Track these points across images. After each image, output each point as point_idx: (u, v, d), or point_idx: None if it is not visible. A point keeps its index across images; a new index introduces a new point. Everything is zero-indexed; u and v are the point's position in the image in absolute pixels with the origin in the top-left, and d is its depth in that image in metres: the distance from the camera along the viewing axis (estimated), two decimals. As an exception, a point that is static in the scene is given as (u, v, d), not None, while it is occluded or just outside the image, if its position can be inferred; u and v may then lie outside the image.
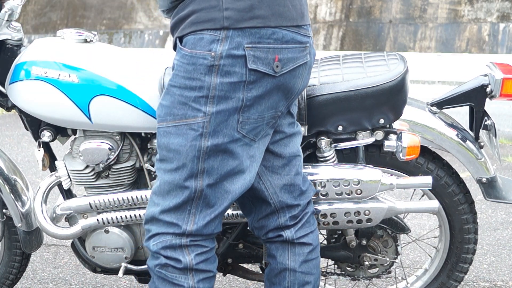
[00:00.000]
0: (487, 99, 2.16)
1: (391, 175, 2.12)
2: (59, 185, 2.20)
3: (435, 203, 2.15)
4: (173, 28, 1.72)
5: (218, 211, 1.75)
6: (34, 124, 2.14)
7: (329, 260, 2.31)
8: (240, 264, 2.29)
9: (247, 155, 1.73)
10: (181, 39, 1.70)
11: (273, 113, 1.73)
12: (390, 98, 2.05)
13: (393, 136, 2.10)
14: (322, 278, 2.40)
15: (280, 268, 1.92)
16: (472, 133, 2.21)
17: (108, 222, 2.13)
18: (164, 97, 1.72)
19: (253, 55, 1.64)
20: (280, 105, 1.74)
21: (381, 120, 2.07)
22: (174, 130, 1.69)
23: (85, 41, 2.10)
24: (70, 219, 2.21)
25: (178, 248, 1.75)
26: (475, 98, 2.15)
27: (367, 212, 2.06)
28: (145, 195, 2.10)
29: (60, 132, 2.15)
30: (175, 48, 1.74)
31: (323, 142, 2.10)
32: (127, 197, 2.10)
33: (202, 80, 1.65)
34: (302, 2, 1.74)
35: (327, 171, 2.04)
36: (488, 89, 2.13)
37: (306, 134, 2.07)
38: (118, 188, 2.15)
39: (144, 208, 2.10)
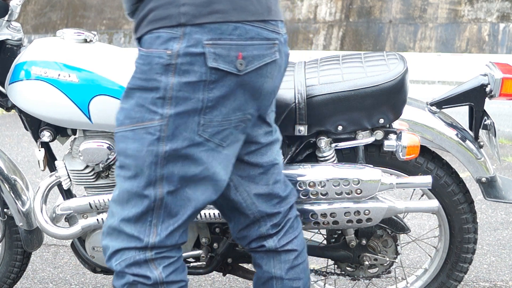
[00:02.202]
0: (487, 99, 2.16)
1: (391, 174, 2.12)
2: (59, 185, 2.20)
3: (434, 203, 2.15)
4: (135, 30, 1.63)
5: (181, 220, 1.63)
6: (34, 124, 2.14)
7: (329, 260, 2.32)
8: (240, 264, 2.29)
9: (214, 161, 1.61)
10: (140, 39, 1.60)
11: (241, 116, 1.61)
12: (390, 98, 2.05)
13: (392, 136, 2.10)
14: (322, 278, 2.40)
15: (266, 277, 1.86)
16: (471, 133, 2.21)
17: (108, 222, 2.13)
18: (123, 100, 1.61)
19: (213, 52, 1.53)
20: (248, 107, 1.62)
21: (380, 119, 2.07)
22: (131, 134, 1.58)
23: (85, 41, 2.10)
24: (70, 219, 2.21)
25: (143, 263, 1.62)
26: (474, 97, 2.16)
27: (367, 211, 2.06)
28: (145, 195, 2.10)
29: (60, 132, 2.15)
30: None
31: (323, 141, 2.10)
32: (127, 197, 2.10)
33: (158, 80, 1.54)
34: None
35: (327, 171, 2.04)
36: (487, 89, 2.13)
37: (306, 134, 2.07)
38: (118, 188, 2.14)
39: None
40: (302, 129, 2.06)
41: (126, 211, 1.61)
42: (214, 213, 2.09)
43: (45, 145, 2.19)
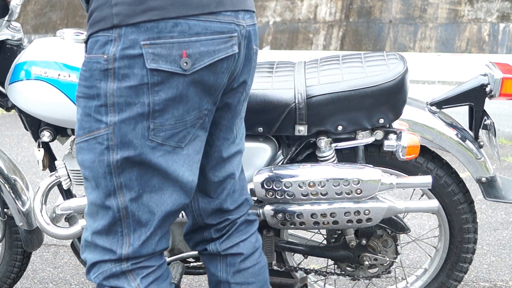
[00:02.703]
0: (487, 99, 2.16)
1: (391, 174, 2.12)
2: (59, 185, 2.20)
3: (434, 203, 2.15)
4: None
5: (153, 227, 1.56)
6: (34, 124, 2.14)
7: (329, 260, 2.32)
8: (240, 264, 2.29)
9: (174, 164, 1.53)
10: (86, 44, 1.54)
11: (197, 114, 1.52)
12: (390, 98, 2.05)
13: (392, 136, 2.10)
14: (322, 278, 2.40)
15: (214, 280, 1.82)
16: (471, 133, 2.21)
17: (108, 222, 2.13)
18: (77, 110, 1.54)
19: (152, 52, 1.43)
20: (204, 103, 1.53)
21: (380, 119, 2.07)
22: (85, 145, 1.51)
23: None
24: (70, 219, 2.21)
25: (121, 275, 1.56)
26: (474, 97, 2.16)
27: (367, 211, 2.06)
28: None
29: (60, 132, 2.15)
30: None
31: (323, 141, 2.10)
32: (127, 197, 2.10)
33: (98, 87, 1.46)
34: None
35: (327, 171, 2.04)
36: (487, 89, 2.13)
37: (306, 134, 2.07)
38: (118, 188, 2.14)
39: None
40: (302, 129, 2.06)
41: (96, 224, 1.56)
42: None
43: (45, 145, 2.19)
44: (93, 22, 1.48)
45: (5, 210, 2.34)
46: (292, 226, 2.08)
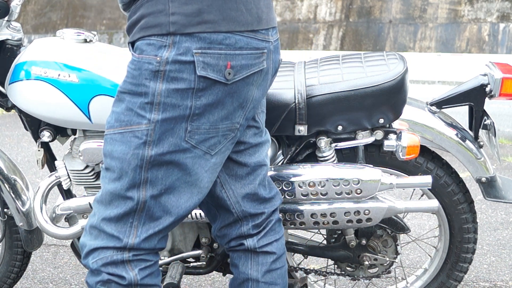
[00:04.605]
0: (487, 99, 2.16)
1: (391, 174, 2.12)
2: (59, 185, 2.20)
3: (434, 203, 2.15)
4: (128, 32, 1.65)
5: (162, 225, 1.65)
6: (34, 124, 2.14)
7: (329, 260, 2.32)
8: (240, 264, 2.29)
9: (200, 168, 1.64)
10: (133, 44, 1.62)
11: (229, 125, 1.64)
12: (390, 98, 2.05)
13: (392, 136, 2.10)
14: (322, 278, 2.40)
15: (242, 278, 1.86)
16: (471, 133, 2.21)
17: (108, 222, 2.13)
18: (114, 104, 1.64)
19: (202, 61, 1.55)
20: (236, 116, 1.64)
21: (380, 119, 2.07)
22: (119, 137, 1.60)
23: (85, 41, 2.10)
24: (70, 219, 2.21)
25: (120, 263, 1.64)
26: (474, 97, 2.16)
27: (367, 211, 2.06)
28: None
29: (60, 132, 2.15)
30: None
31: (323, 141, 2.10)
32: (127, 197, 2.10)
33: (147, 85, 1.56)
34: (260, 5, 1.64)
35: (327, 171, 2.04)
36: (487, 89, 2.13)
37: (306, 134, 2.07)
38: (118, 188, 2.14)
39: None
40: (302, 129, 2.06)
41: (108, 211, 1.64)
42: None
43: (45, 145, 2.19)
44: (145, 27, 1.57)
45: (5, 210, 2.34)
46: (292, 226, 2.08)
